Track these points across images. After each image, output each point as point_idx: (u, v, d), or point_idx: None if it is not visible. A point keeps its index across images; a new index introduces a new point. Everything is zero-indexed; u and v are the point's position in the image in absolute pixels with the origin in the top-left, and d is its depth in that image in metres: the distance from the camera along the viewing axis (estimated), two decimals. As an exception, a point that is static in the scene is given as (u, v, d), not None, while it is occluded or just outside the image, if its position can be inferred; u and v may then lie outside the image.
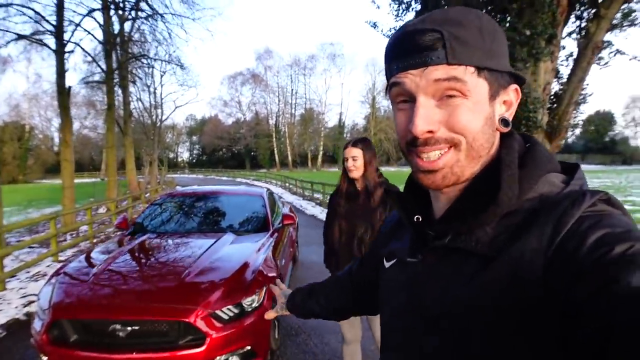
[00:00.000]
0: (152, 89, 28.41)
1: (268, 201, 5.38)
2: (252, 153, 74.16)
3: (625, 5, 6.92)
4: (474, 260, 0.59)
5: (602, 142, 77.62)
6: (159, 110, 29.95)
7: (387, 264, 0.81)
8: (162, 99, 30.20)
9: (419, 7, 8.37)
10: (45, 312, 2.95)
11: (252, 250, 3.78)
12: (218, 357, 2.83)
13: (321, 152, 73.80)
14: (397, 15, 8.89)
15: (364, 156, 2.52)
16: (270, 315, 1.34)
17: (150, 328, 2.81)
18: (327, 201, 2.82)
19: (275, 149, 70.88)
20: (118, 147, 18.46)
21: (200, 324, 2.78)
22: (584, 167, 0.72)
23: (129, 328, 2.77)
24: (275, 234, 4.60)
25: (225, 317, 2.91)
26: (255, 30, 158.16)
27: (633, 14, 7.41)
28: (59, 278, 3.25)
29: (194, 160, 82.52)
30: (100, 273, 3.23)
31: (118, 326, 2.77)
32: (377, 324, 2.55)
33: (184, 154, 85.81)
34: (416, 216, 0.72)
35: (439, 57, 0.57)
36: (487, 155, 0.63)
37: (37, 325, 2.98)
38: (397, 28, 0.62)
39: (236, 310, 2.99)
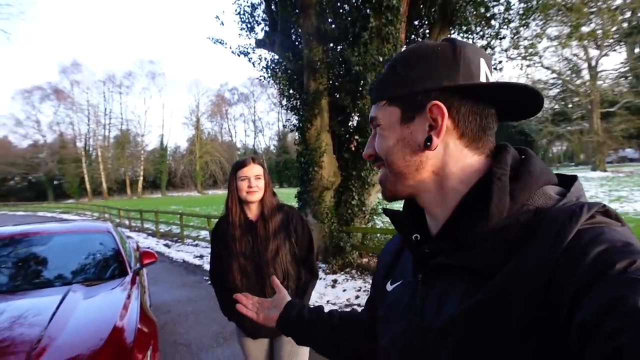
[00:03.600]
0: None
1: (118, 237, 4.44)
2: (57, 181, 63.46)
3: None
4: (469, 277, 0.59)
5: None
6: None
7: (390, 287, 0.81)
8: None
9: (267, 28, 8.32)
10: None
11: (119, 303, 2.97)
12: None
13: (142, 178, 68.04)
14: (241, 33, 8.68)
15: (264, 175, 2.18)
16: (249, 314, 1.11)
17: None
18: (211, 232, 2.35)
19: (86, 176, 62.28)
20: None
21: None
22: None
23: None
24: (137, 278, 3.77)
25: (106, 403, 2.15)
26: (59, 39, 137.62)
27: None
28: None
29: (-26, 193, 66.31)
30: None
31: None
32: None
33: (-42, 185, 68.49)
34: (414, 235, 0.72)
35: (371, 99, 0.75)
36: (427, 172, 0.67)
37: None
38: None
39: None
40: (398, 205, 0.78)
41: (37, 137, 65.48)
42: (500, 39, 8.26)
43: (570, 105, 35.49)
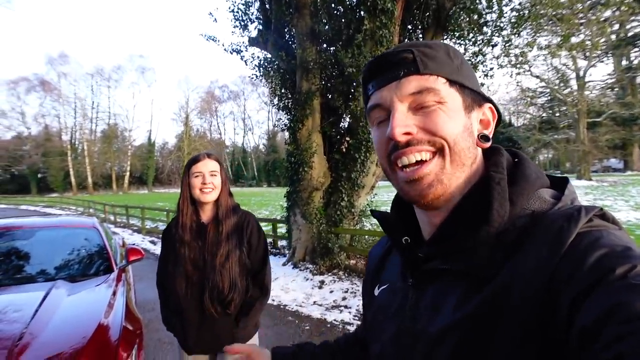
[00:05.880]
0: None
1: (104, 233, 4.37)
2: (41, 174, 62.25)
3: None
4: (466, 283, 0.58)
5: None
6: None
7: (377, 291, 0.77)
8: None
9: (260, 26, 8.28)
10: None
11: (104, 301, 2.93)
12: None
13: (128, 173, 67.24)
14: (234, 31, 8.63)
15: (221, 172, 2.01)
16: None
17: None
18: (163, 232, 2.15)
19: (71, 170, 61.25)
20: None
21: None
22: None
23: None
24: (123, 275, 3.72)
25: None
26: (46, 30, 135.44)
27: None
28: None
29: (-46, 184, 64.47)
30: None
31: None
32: None
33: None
34: (404, 238, 0.70)
35: (410, 69, 0.61)
36: (471, 167, 0.63)
37: None
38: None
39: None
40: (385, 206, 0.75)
41: (22, 129, 64.16)
42: (492, 46, 8.34)
43: (557, 114, 36.03)
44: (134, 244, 4.54)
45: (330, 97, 7.75)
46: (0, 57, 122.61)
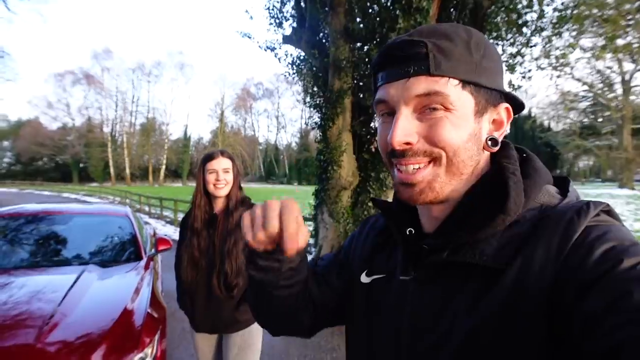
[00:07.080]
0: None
1: (135, 222, 4.52)
2: (82, 164, 64.94)
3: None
4: (479, 275, 0.56)
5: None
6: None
7: (366, 279, 0.74)
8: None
9: (294, 24, 8.34)
10: None
11: (131, 287, 3.03)
12: None
13: (164, 166, 69.12)
14: (269, 28, 8.72)
15: (233, 169, 2.19)
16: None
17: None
18: (180, 221, 2.37)
19: (110, 161, 63.69)
20: None
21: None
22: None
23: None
24: (151, 263, 3.84)
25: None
26: (92, 26, 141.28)
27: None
28: None
29: (4, 171, 67.74)
30: None
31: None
32: None
33: (-11, 163, 70.54)
34: (408, 229, 0.68)
35: (421, 67, 0.57)
36: (472, 174, 0.62)
37: None
38: None
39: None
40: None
41: (67, 120, 67.36)
42: (531, 47, 8.09)
43: (600, 120, 34.58)
44: (165, 235, 4.67)
45: (361, 96, 7.71)
46: (49, 51, 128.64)
